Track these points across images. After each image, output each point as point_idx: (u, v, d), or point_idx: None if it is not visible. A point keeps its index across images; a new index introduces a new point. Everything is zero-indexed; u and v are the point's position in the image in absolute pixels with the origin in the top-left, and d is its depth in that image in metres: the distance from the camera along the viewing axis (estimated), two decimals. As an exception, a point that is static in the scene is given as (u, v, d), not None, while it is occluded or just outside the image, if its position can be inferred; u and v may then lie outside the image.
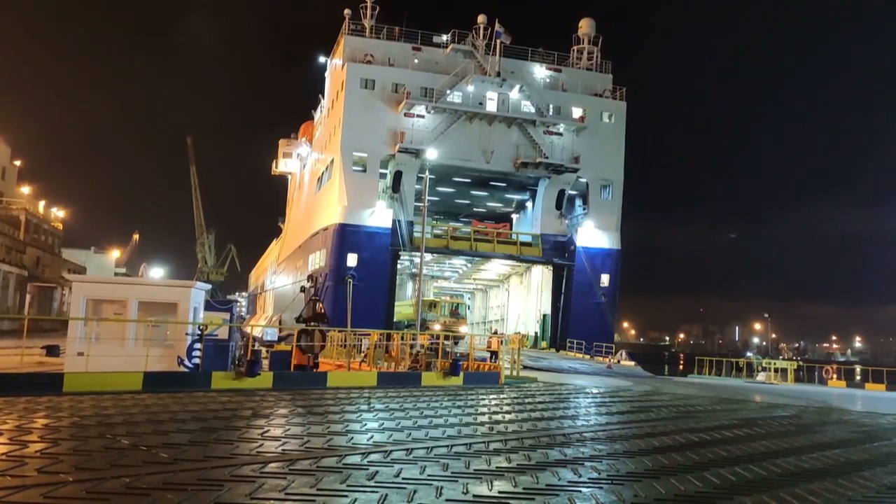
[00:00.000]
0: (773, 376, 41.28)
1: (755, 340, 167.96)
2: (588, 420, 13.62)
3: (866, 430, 13.47)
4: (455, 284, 74.15)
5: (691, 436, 11.60)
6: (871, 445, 11.36)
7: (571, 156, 54.79)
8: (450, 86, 53.91)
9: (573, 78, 58.28)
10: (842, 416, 16.30)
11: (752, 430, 12.67)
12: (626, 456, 9.39)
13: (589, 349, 47.90)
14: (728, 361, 49.23)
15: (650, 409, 16.32)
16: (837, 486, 7.82)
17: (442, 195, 61.93)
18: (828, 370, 45.43)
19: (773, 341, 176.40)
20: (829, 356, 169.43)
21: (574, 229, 55.63)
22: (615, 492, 7.18)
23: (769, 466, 8.93)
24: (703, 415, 15.31)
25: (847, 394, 31.07)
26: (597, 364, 41.21)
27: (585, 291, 53.84)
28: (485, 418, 12.82)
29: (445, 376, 20.15)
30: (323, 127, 65.84)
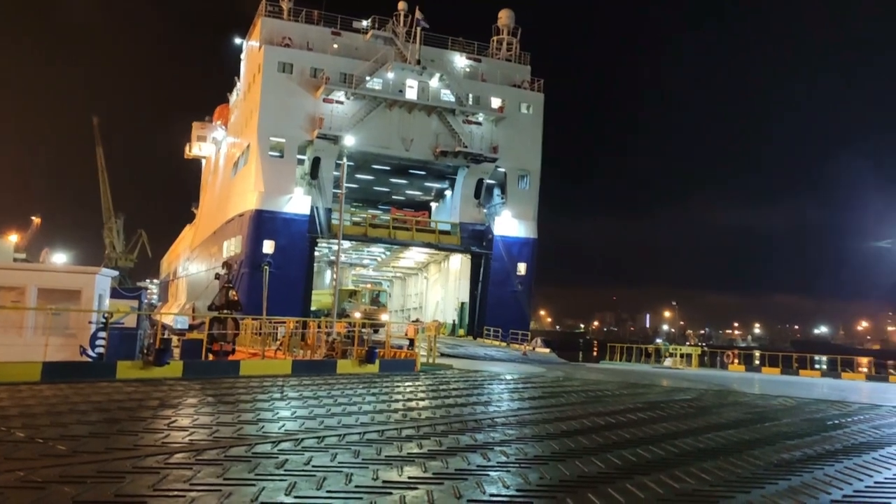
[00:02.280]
0: (679, 361, 43.06)
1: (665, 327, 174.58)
2: (500, 406, 13.89)
3: (759, 412, 14.26)
4: (374, 272, 73.93)
5: (598, 419, 12.01)
6: (762, 426, 12.04)
7: (490, 145, 55.39)
8: (370, 72, 53.52)
9: (493, 68, 58.85)
10: (738, 399, 17.18)
11: (654, 413, 13.21)
12: (534, 440, 9.64)
13: (505, 336, 48.68)
14: (638, 348, 50.97)
15: (561, 394, 16.78)
16: (729, 465, 8.26)
17: (361, 182, 61.53)
18: (729, 355, 47.74)
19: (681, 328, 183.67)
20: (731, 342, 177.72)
21: (492, 218, 56.36)
22: (522, 475, 7.37)
23: (668, 447, 9.35)
24: (610, 399, 15.85)
25: (745, 377, 32.73)
26: (513, 351, 41.92)
27: (502, 280, 54.67)
28: (399, 405, 12.90)
29: (361, 364, 20.13)
30: (239, 111, 64.22)
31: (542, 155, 58.00)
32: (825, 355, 47.04)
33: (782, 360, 43.89)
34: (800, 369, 41.86)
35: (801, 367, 42.64)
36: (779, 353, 47.61)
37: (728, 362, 45.65)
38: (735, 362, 45.69)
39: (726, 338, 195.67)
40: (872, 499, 6.89)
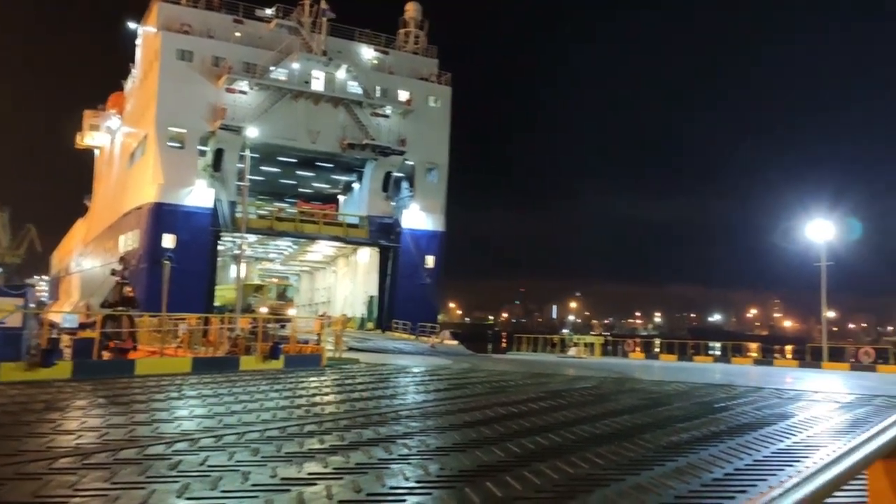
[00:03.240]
0: (583, 351, 44.35)
1: (571, 318, 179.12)
2: (405, 399, 13.94)
3: (653, 397, 14.87)
4: (281, 266, 72.59)
5: (501, 409, 12.22)
6: (655, 410, 12.56)
7: (398, 138, 55.28)
8: (274, 62, 52.38)
9: (400, 61, 58.71)
10: (634, 386, 17.86)
11: (555, 402, 13.57)
12: (437, 432, 9.73)
13: (414, 329, 48.82)
14: (544, 338, 52.17)
15: (466, 385, 16.98)
16: (622, 449, 8.58)
17: (267, 175, 60.18)
18: (630, 344, 49.51)
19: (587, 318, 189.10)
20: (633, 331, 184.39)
21: (400, 211, 56.32)
22: (422, 466, 7.43)
23: (566, 434, 9.62)
24: (514, 389, 16.16)
25: (644, 364, 34.07)
26: (421, 344, 42.09)
27: (411, 273, 54.76)
28: (302, 401, 12.74)
29: (265, 360, 19.76)
30: (135, 99, 61.57)
31: (451, 148, 58.39)
32: (719, 342, 49.21)
33: (679, 348, 45.83)
34: (695, 355, 43.84)
35: (697, 353, 44.66)
36: (677, 341, 49.74)
37: (629, 350, 47.30)
38: (636, 350, 47.40)
39: (629, 326, 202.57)
40: (750, 476, 7.30)
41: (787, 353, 43.32)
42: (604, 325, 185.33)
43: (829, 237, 40.91)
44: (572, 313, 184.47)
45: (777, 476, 7.32)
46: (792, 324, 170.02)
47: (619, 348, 48.79)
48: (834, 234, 41.20)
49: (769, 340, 72.74)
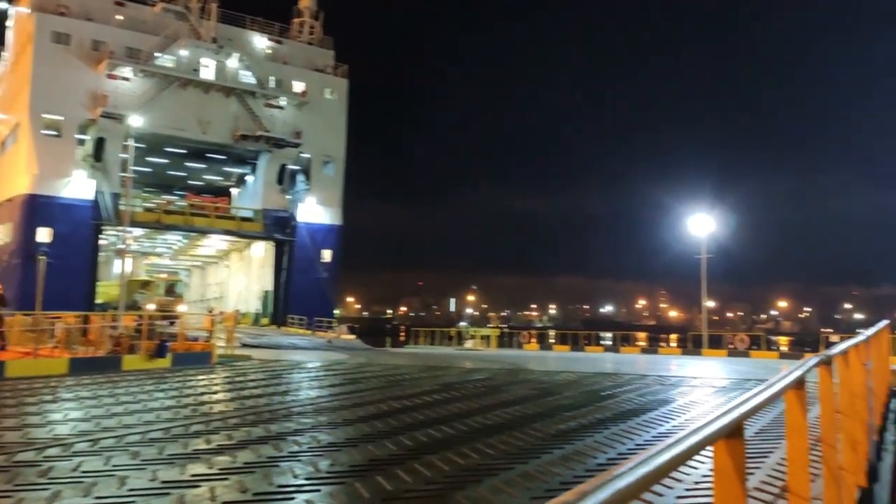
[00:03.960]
0: (479, 343, 45.00)
1: (469, 311, 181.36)
2: (298, 395, 13.71)
3: (544, 387, 15.26)
4: (170, 261, 69.82)
5: (395, 403, 12.21)
6: (545, 400, 12.89)
7: (293, 130, 54.20)
8: (160, 48, 50.21)
9: (295, 51, 57.52)
10: (527, 377, 18.26)
11: (449, 394, 13.68)
12: (330, 427, 9.62)
13: (311, 324, 48.11)
14: (441, 331, 52.58)
15: (361, 380, 16.88)
16: (512, 438, 8.76)
17: (154, 166, 57.64)
18: (524, 335, 50.63)
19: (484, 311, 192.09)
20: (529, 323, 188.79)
21: (296, 205, 55.29)
22: (312, 463, 7.33)
23: (458, 426, 9.72)
24: (409, 383, 16.19)
25: (538, 356, 34.92)
26: (317, 339, 41.58)
27: (307, 267, 53.90)
28: (189, 400, 12.30)
29: (150, 359, 18.94)
30: (7, 84, 57.52)
31: (348, 140, 57.78)
32: (610, 332, 50.97)
33: (572, 338, 47.25)
34: (587, 346, 45.30)
35: (589, 343, 46.16)
36: (570, 332, 51.24)
37: (524, 342, 48.32)
38: (531, 342, 48.48)
39: (525, 319, 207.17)
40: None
41: (672, 342, 45.45)
42: (500, 318, 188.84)
43: (709, 231, 43.21)
44: (470, 306, 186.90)
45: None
46: (677, 314, 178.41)
47: (515, 340, 49.73)
48: (713, 228, 43.55)
49: (656, 330, 76.07)
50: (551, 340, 48.99)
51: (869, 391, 7.06)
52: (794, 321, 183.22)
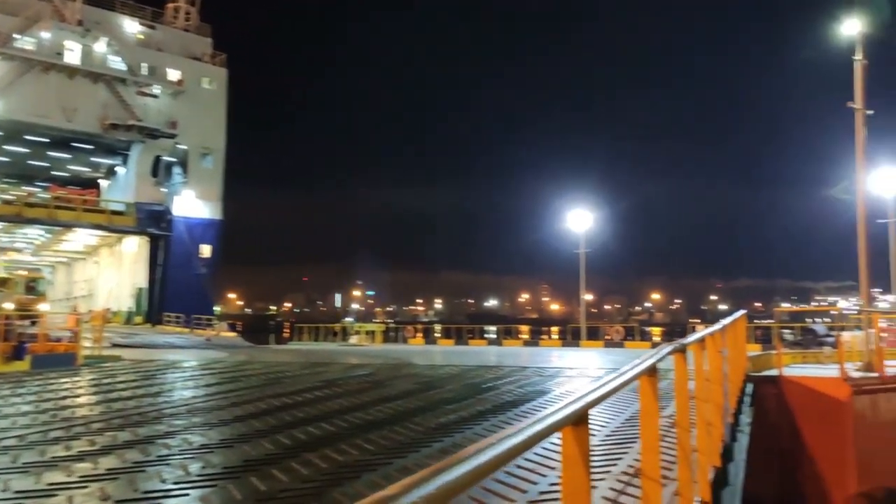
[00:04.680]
0: (364, 338, 44.79)
1: (355, 306, 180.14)
2: (171, 396, 13.16)
3: (426, 381, 15.36)
4: (32, 257, 65.29)
5: (275, 401, 11.94)
6: (427, 394, 12.98)
7: (168, 120, 51.92)
8: (20, 30, 46.77)
9: (170, 38, 55.06)
10: (410, 371, 18.33)
11: (331, 391, 13.53)
12: (204, 428, 9.28)
13: (189, 322, 46.33)
14: (325, 327, 51.97)
15: (240, 378, 16.41)
16: (393, 433, 8.75)
17: (13, 155, 53.69)
18: (410, 330, 50.88)
19: (370, 306, 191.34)
20: (415, 317, 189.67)
21: (172, 198, 53.02)
22: (182, 466, 7.04)
23: (339, 422, 9.62)
24: (290, 380, 15.88)
25: (423, 350, 35.15)
26: (196, 337, 40.16)
27: (184, 263, 51.82)
28: (49, 405, 11.53)
29: (7, 361, 17.63)
30: None
31: (230, 132, 55.99)
32: (494, 325, 52.10)
33: (457, 332, 47.93)
34: (470, 339, 46.08)
35: (473, 337, 46.99)
36: (455, 326, 51.93)
37: (409, 337, 48.57)
38: (418, 336, 48.78)
39: (411, 313, 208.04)
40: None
41: (554, 334, 46.95)
42: (387, 313, 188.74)
43: (588, 226, 44.89)
44: (356, 301, 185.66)
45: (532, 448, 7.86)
46: (559, 307, 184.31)
47: (400, 335, 49.89)
48: (591, 223, 45.27)
49: (539, 323, 78.30)
50: (437, 335, 49.50)
51: (725, 376, 7.55)
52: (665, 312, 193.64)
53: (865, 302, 20.73)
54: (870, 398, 13.99)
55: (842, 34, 19.36)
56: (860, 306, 21.18)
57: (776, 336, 18.08)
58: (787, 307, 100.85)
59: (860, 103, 18.88)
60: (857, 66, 18.94)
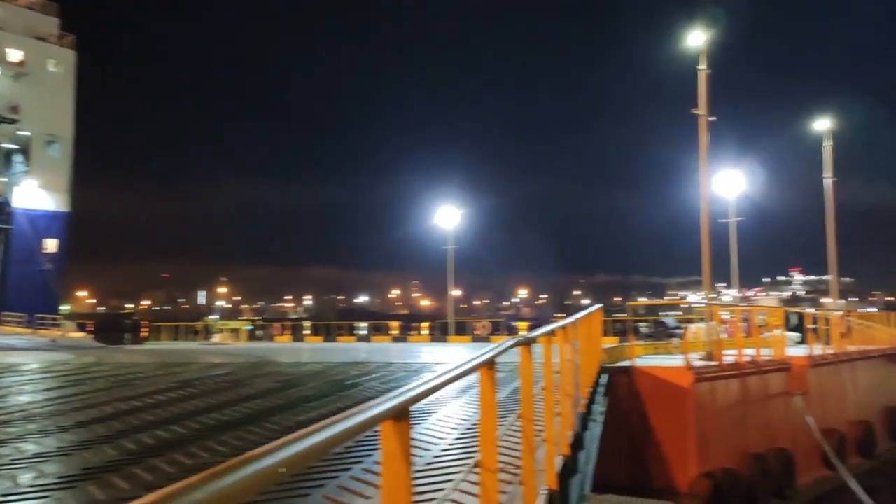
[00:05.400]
0: (227, 337, 43.32)
1: (220, 304, 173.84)
2: (5, 402, 12.11)
3: (288, 379, 15.02)
4: None
5: (122, 405, 11.27)
6: (288, 392, 12.68)
7: (8, 104, 47.92)
8: None
9: (11, 15, 50.78)
10: (272, 369, 17.86)
11: (186, 392, 12.94)
12: (39, 436, 8.59)
13: (31, 322, 43.00)
14: (186, 326, 49.85)
15: (86, 381, 15.40)
16: (248, 434, 8.46)
17: None
18: (276, 327, 49.74)
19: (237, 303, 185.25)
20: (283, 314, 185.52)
21: (11, 188, 48.97)
22: (12, 477, 6.48)
23: (191, 424, 9.19)
24: (142, 382, 15.07)
25: (290, 347, 34.45)
26: (39, 338, 37.37)
27: (26, 258, 48.03)
28: None
29: None
30: None
31: (81, 119, 52.42)
32: (365, 321, 51.96)
33: (327, 329, 47.35)
34: (339, 336, 45.64)
35: (344, 333, 46.58)
36: (325, 323, 51.28)
37: (275, 334, 47.50)
38: (286, 333, 47.76)
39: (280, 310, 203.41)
40: (366, 447, 7.71)
41: (423, 330, 47.35)
42: (254, 310, 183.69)
43: (456, 223, 45.56)
44: (222, 299, 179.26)
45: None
46: (429, 302, 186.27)
47: (267, 332, 48.70)
48: (459, 220, 45.98)
49: (409, 319, 78.84)
50: (306, 332, 48.74)
51: (577, 368, 7.83)
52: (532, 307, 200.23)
53: (708, 296, 22.28)
54: (709, 385, 15.02)
55: (687, 44, 20.69)
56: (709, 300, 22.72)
57: (630, 328, 19.05)
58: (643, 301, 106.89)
59: (704, 110, 20.25)
60: (700, 74, 20.32)
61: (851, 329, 25.07)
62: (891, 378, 25.27)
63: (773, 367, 17.72)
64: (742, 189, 30.93)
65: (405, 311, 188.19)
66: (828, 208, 34.26)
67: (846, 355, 22.03)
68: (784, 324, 22.17)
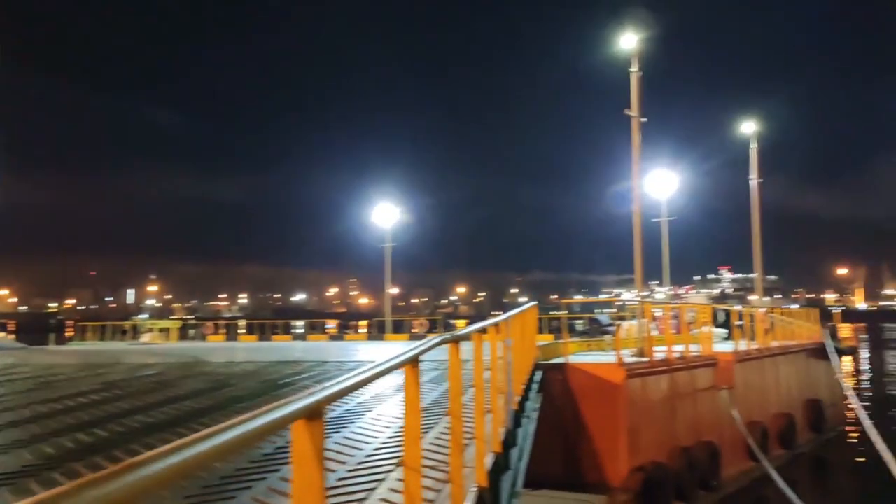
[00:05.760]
0: (157, 336, 42.13)
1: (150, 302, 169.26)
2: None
3: (220, 379, 14.68)
4: None
5: (42, 407, 10.81)
6: (219, 392, 12.40)
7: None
8: None
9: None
10: (203, 369, 17.42)
11: (111, 393, 12.51)
12: (-51, 442, 8.16)
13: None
14: (113, 325, 48.31)
15: (4, 383, 14.73)
16: (173, 436, 8.12)
17: None
18: (209, 326, 48.61)
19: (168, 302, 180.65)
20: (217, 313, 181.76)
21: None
22: (-83, 486, 6.12)
23: (115, 427, 8.89)
24: (64, 383, 14.50)
25: (223, 347, 33.68)
26: (-45, 339, 35.58)
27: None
28: None
29: None
30: None
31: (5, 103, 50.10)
32: (302, 320, 51.25)
33: (262, 328, 46.54)
34: (275, 335, 44.92)
35: (280, 332, 45.86)
36: (261, 321, 50.40)
37: (208, 333, 46.44)
38: (220, 332, 46.74)
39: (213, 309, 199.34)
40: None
41: (361, 328, 47.01)
42: (186, 309, 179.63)
43: (394, 221, 45.32)
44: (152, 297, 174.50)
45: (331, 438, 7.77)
46: (367, 300, 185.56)
47: (199, 332, 47.58)
48: (397, 218, 45.75)
49: (347, 317, 78.31)
50: (241, 331, 47.82)
51: (509, 365, 7.88)
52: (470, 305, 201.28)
53: (640, 293, 22.77)
54: (640, 381, 15.35)
55: (620, 47, 21.12)
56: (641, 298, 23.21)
57: (564, 325, 19.30)
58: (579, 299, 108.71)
59: (636, 111, 20.69)
60: (633, 77, 20.76)
61: (774, 325, 26.00)
62: (811, 372, 26.35)
63: (701, 362, 18.23)
64: (674, 189, 31.70)
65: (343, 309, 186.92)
66: (753, 209, 35.47)
67: (769, 351, 22.83)
68: (712, 320, 22.86)
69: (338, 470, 6.40)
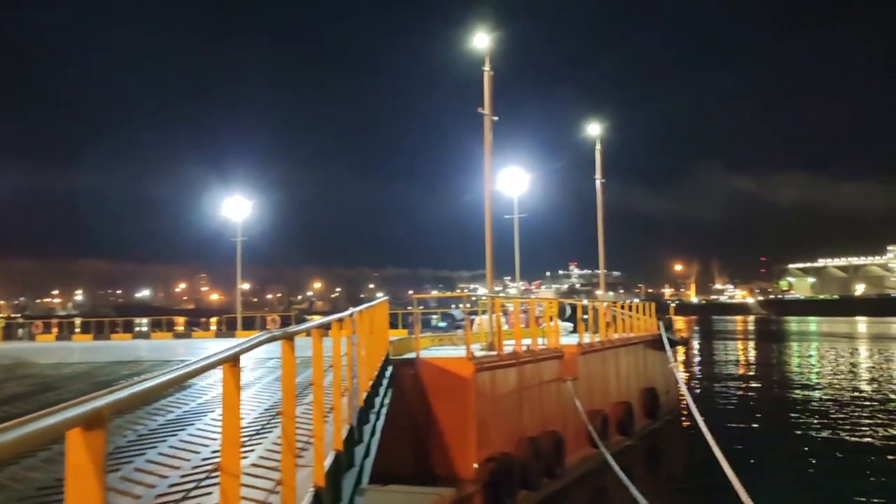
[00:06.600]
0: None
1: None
2: None
3: (47, 382, 13.58)
4: None
5: None
6: (44, 396, 11.44)
7: None
8: None
9: None
10: (28, 371, 16.07)
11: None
12: None
13: None
14: (-75, 325, 43.66)
15: None
16: None
17: None
18: (38, 325, 45.06)
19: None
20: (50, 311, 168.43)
21: None
22: None
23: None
24: None
25: (54, 347, 31.28)
26: None
27: None
28: None
29: None
30: None
31: None
32: (146, 317, 48.82)
33: (100, 326, 43.74)
34: (114, 334, 42.30)
35: (120, 331, 43.25)
36: (100, 319, 47.27)
37: (36, 333, 43.05)
38: (54, 331, 43.46)
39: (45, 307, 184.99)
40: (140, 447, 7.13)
41: (213, 325, 45.22)
42: (14, 306, 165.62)
43: (246, 215, 43.84)
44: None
45: (166, 442, 7.39)
46: (218, 296, 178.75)
47: (28, 331, 43.98)
48: (249, 212, 44.30)
49: (196, 314, 75.09)
50: (77, 329, 44.67)
51: (354, 361, 7.77)
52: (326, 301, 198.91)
53: (490, 289, 23.36)
54: (489, 374, 15.73)
55: (474, 46, 21.55)
56: (496, 293, 23.80)
57: (417, 320, 19.42)
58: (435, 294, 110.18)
59: (488, 109, 21.19)
60: (485, 75, 21.24)
61: (616, 319, 27.52)
62: (648, 362, 28.17)
63: (548, 355, 18.96)
64: (526, 187, 32.79)
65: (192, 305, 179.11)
66: (598, 208, 37.38)
67: (611, 343, 24.15)
68: (559, 315, 23.84)
69: (171, 476, 6.06)
